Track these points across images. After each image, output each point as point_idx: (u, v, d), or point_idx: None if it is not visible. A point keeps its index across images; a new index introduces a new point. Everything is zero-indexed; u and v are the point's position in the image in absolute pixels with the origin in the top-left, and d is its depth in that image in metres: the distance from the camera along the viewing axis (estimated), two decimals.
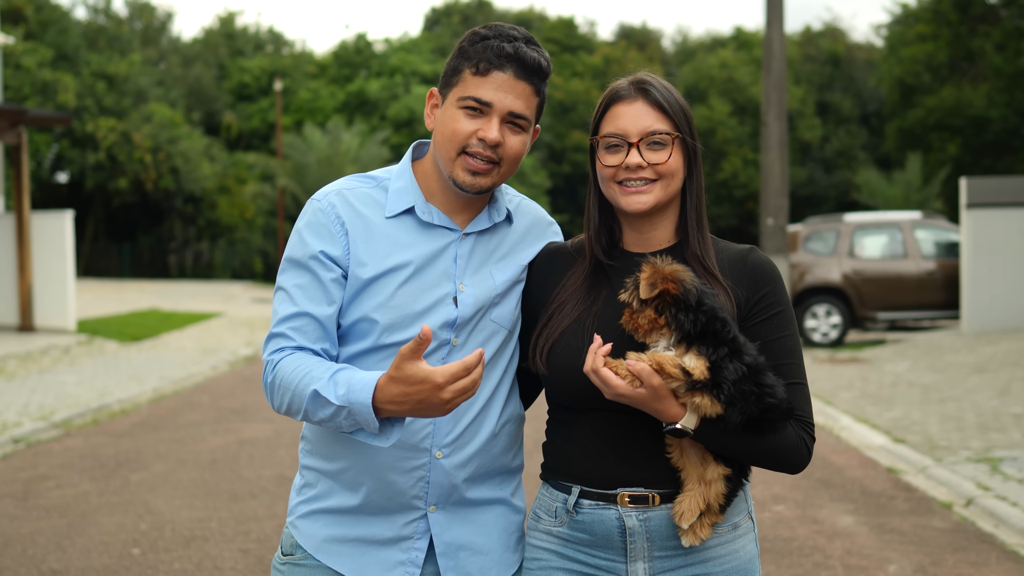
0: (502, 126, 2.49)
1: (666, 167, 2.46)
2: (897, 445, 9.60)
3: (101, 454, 9.68)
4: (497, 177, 2.53)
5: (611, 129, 2.48)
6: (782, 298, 2.50)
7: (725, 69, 53.36)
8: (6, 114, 18.89)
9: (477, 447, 2.56)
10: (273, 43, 61.38)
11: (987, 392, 12.18)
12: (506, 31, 2.50)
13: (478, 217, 2.60)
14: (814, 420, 2.50)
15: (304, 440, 2.65)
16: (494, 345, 2.58)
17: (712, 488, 2.40)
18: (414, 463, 2.51)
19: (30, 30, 44.62)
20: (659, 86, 2.50)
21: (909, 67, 40.35)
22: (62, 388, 13.42)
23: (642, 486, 2.44)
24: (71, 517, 7.47)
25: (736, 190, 51.27)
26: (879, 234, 19.36)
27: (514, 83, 2.47)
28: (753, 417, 2.31)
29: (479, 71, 2.47)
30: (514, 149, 2.51)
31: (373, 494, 2.53)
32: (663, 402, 2.30)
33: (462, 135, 2.48)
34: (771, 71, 19.32)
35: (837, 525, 7.19)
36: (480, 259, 2.59)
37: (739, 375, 2.28)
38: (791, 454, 2.41)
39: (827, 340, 18.76)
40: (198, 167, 45.21)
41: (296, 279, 2.49)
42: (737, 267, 2.51)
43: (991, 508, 7.41)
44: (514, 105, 2.48)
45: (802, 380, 2.47)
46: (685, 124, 2.49)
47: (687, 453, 2.40)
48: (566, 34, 60.09)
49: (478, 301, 2.54)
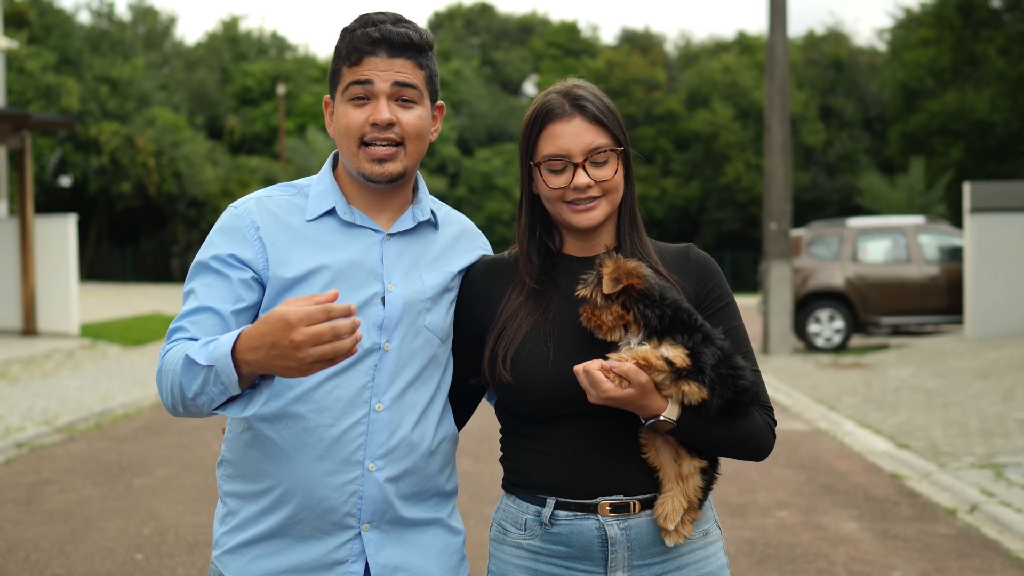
0: (391, 104, 2.43)
1: (612, 182, 2.45)
2: (901, 451, 9.59)
3: (104, 459, 9.68)
4: (406, 159, 2.47)
5: (552, 150, 2.44)
6: (727, 290, 2.55)
7: (728, 73, 53.31)
8: (9, 118, 18.91)
9: (412, 462, 2.47)
10: (276, 47, 61.42)
11: (991, 397, 12.17)
12: (371, 17, 2.46)
13: (402, 217, 2.54)
14: (815, 426, 2.51)
15: (224, 464, 2.53)
16: (427, 354, 2.51)
17: (690, 483, 2.40)
18: (346, 477, 2.40)
19: (34, 34, 44.69)
20: (593, 98, 2.46)
21: (912, 71, 40.35)
22: (65, 392, 13.42)
23: (622, 493, 2.41)
24: (74, 522, 7.47)
25: (739, 194, 51.22)
26: (882, 239, 19.35)
27: (389, 63, 2.42)
28: (729, 401, 2.34)
29: (352, 62, 2.43)
30: (412, 124, 2.45)
31: (302, 513, 2.41)
32: (648, 398, 2.29)
33: (355, 125, 2.43)
34: (774, 76, 19.33)
35: (841, 531, 7.17)
36: (409, 261, 2.52)
37: (716, 359, 2.32)
38: (759, 440, 2.44)
39: (830, 345, 18.75)
40: (201, 171, 45.24)
41: (202, 280, 2.41)
42: (681, 263, 2.53)
43: (995, 514, 7.40)
44: (396, 76, 2.42)
45: (757, 368, 2.50)
46: (620, 132, 2.48)
47: (661, 452, 2.40)
48: (569, 38, 60.10)
49: (407, 301, 2.47)
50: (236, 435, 2.49)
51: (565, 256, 2.54)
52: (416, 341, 2.49)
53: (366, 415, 2.42)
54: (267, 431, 2.42)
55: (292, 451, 2.40)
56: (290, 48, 62.01)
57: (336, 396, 2.41)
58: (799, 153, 50.05)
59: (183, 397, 2.21)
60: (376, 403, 2.43)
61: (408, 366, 2.48)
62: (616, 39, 64.13)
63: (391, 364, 2.45)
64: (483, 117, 53.87)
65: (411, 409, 2.47)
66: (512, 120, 54.17)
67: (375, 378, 2.44)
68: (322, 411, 2.40)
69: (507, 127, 53.90)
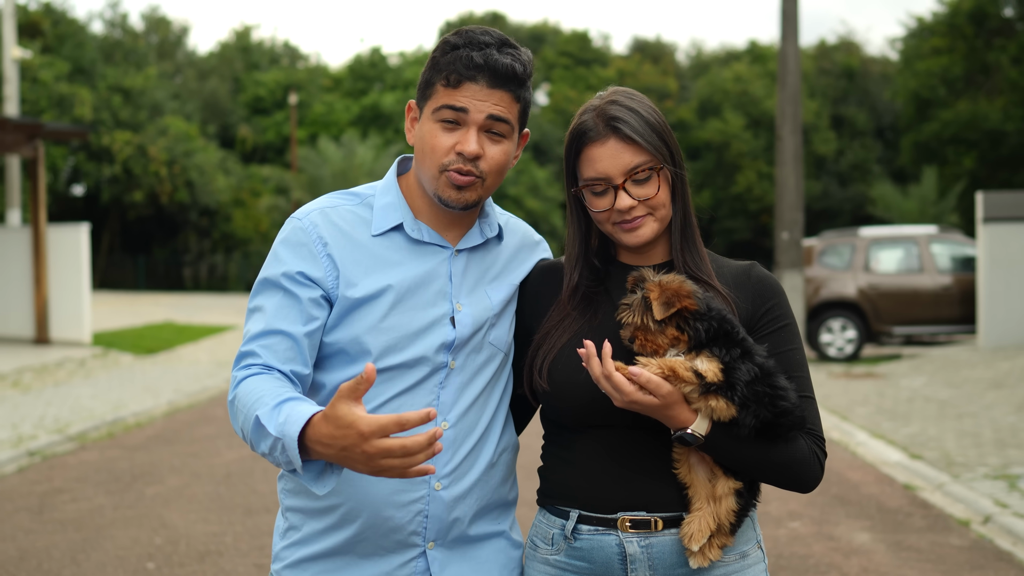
0: (480, 136, 2.36)
1: (656, 200, 2.39)
2: (914, 461, 9.55)
3: (116, 467, 9.69)
4: (482, 190, 2.41)
5: (592, 174, 2.39)
6: (788, 312, 2.46)
7: (739, 82, 53.32)
8: (23, 128, 18.99)
9: (475, 478, 2.44)
10: (288, 57, 61.62)
11: (1004, 408, 12.11)
12: (477, 38, 2.37)
13: (469, 233, 2.50)
14: (827, 436, 2.45)
15: (287, 479, 2.48)
16: (491, 369, 2.48)
17: (722, 505, 2.30)
18: (412, 496, 2.37)
19: (47, 44, 44.88)
20: (628, 116, 2.38)
21: (924, 80, 40.29)
22: (77, 401, 13.45)
23: (644, 510, 2.34)
24: (86, 531, 7.48)
25: (751, 203, 51.17)
26: (895, 248, 19.30)
27: (489, 92, 2.35)
28: (766, 422, 2.24)
29: (450, 83, 2.35)
30: (496, 160, 2.39)
31: (367, 531, 2.38)
32: (674, 408, 2.22)
33: (441, 150, 2.36)
34: (786, 85, 19.31)
35: (853, 542, 7.14)
36: (475, 278, 2.49)
37: (752, 376, 2.23)
38: (803, 468, 2.32)
39: (842, 355, 18.69)
40: (213, 180, 45.37)
41: (270, 298, 2.34)
42: (740, 280, 2.46)
43: (1009, 526, 7.35)
44: (491, 110, 2.35)
45: (811, 394, 2.40)
46: (663, 147, 2.40)
47: (695, 469, 2.32)
48: (580, 47, 60.16)
49: (476, 321, 2.44)
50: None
51: (620, 265, 2.51)
52: (480, 357, 2.46)
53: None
54: None
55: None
56: (302, 58, 62.20)
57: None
58: (811, 162, 50.00)
59: (253, 447, 2.18)
60: (442, 421, 2.41)
61: (473, 383, 2.45)
62: (627, 48, 64.24)
63: (457, 382, 2.43)
64: None
65: (475, 425, 2.45)
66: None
67: (440, 396, 2.41)
68: None
69: None
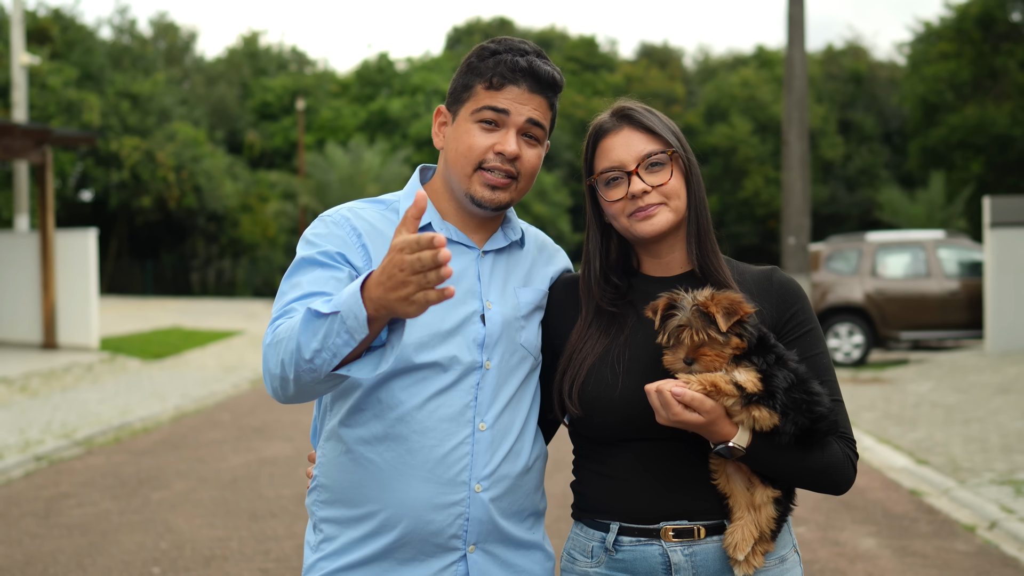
0: (518, 138, 2.42)
1: (669, 187, 2.40)
2: (920, 467, 9.53)
3: (122, 472, 9.71)
4: (515, 192, 2.46)
5: (606, 164, 2.43)
6: (811, 316, 2.45)
7: (747, 87, 53.30)
8: (31, 133, 19.05)
9: (513, 481, 2.44)
10: (296, 62, 61.72)
11: (1011, 413, 12.08)
12: (517, 45, 2.43)
13: (494, 236, 2.54)
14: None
15: (320, 490, 2.47)
16: (523, 371, 2.49)
17: (762, 513, 2.32)
18: (452, 498, 2.36)
19: (56, 50, 45.01)
20: (640, 109, 2.46)
21: (932, 85, 40.26)
22: (84, 406, 13.48)
23: (686, 519, 2.35)
24: (92, 536, 7.49)
25: (758, 208, 51.14)
26: (902, 253, 19.26)
27: (529, 96, 2.41)
28: (804, 428, 2.25)
29: (493, 85, 2.40)
30: (531, 163, 2.44)
31: (408, 536, 2.36)
32: (717, 424, 2.22)
33: (479, 149, 2.40)
34: (792, 90, 19.30)
35: (859, 547, 7.13)
36: (502, 278, 2.51)
37: (789, 383, 2.23)
38: (837, 473, 2.35)
39: (849, 360, 18.66)
40: (221, 185, 45.44)
41: (307, 273, 2.33)
42: (763, 286, 2.45)
43: (1015, 531, 7.34)
44: (532, 113, 2.42)
45: (840, 397, 2.41)
46: (676, 140, 2.43)
47: (733, 479, 2.33)
48: (587, 52, 60.17)
49: (505, 319, 2.46)
50: (333, 459, 2.44)
51: (643, 276, 2.51)
52: (514, 359, 2.47)
53: (470, 435, 2.39)
54: (369, 454, 2.38)
55: (396, 474, 2.36)
56: (310, 63, 62.31)
57: (439, 416, 2.37)
58: (818, 167, 49.94)
59: (298, 361, 2.11)
60: (479, 422, 2.40)
61: (507, 384, 2.46)
62: (635, 53, 64.28)
63: (492, 382, 2.43)
64: None
65: (510, 427, 2.45)
66: None
67: (477, 397, 2.41)
68: (426, 432, 2.36)
69: None
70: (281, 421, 12.56)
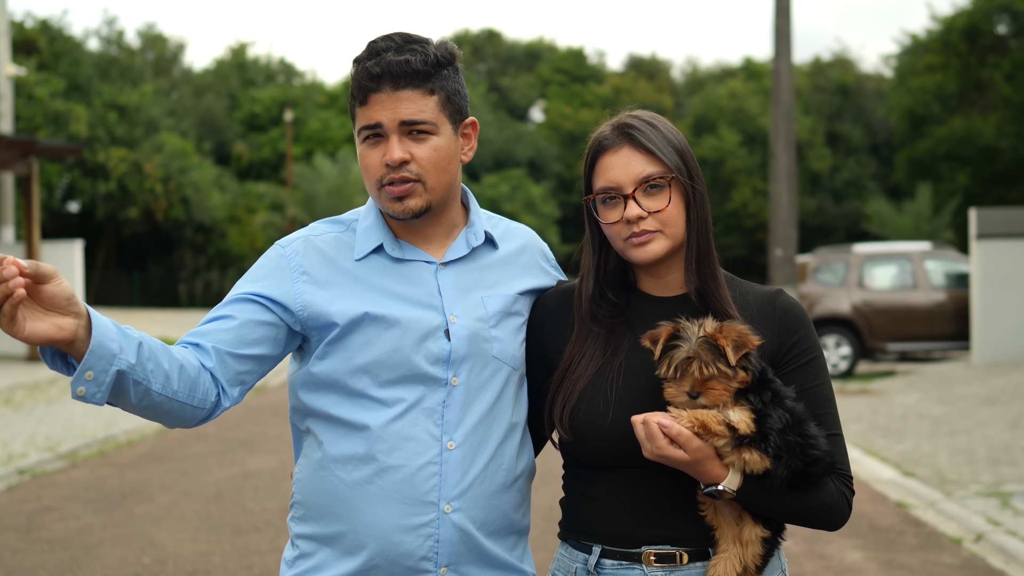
0: (404, 140, 2.31)
1: (667, 214, 2.30)
2: (907, 479, 9.52)
3: (106, 486, 9.65)
4: (427, 194, 2.35)
5: (603, 183, 2.33)
6: (815, 343, 2.35)
7: (734, 99, 53.43)
8: (16, 145, 18.99)
9: (488, 499, 2.36)
10: (284, 74, 61.65)
11: (998, 425, 12.09)
12: (378, 46, 2.33)
13: (454, 245, 2.44)
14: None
15: (296, 506, 2.44)
16: (498, 384, 2.39)
17: (749, 549, 2.26)
18: (421, 519, 2.30)
19: (43, 61, 44.90)
20: (644, 127, 2.34)
21: (919, 97, 40.38)
22: (69, 419, 13.40)
23: (668, 544, 2.29)
24: (74, 550, 7.43)
25: (746, 220, 51.23)
26: (889, 265, 19.30)
27: (395, 97, 2.30)
28: (798, 471, 2.17)
29: (360, 102, 2.34)
30: (427, 158, 2.32)
31: (377, 559, 2.31)
32: (705, 464, 2.16)
33: (373, 168, 2.35)
34: (779, 102, 19.36)
35: (845, 561, 7.11)
36: (467, 287, 2.42)
37: (783, 423, 2.15)
38: (832, 511, 2.28)
39: (837, 371, 18.66)
40: (208, 197, 45.34)
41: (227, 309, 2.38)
42: (766, 310, 2.35)
43: (1001, 544, 7.33)
44: (402, 114, 2.30)
45: (839, 431, 2.33)
46: (679, 162, 2.32)
47: (722, 512, 2.27)
48: (576, 64, 60.30)
49: (471, 332, 2.36)
50: (307, 476, 2.40)
51: (641, 294, 2.42)
52: (485, 372, 2.38)
53: (438, 454, 2.32)
54: (338, 472, 2.33)
55: (363, 493, 2.31)
56: (298, 75, 62.26)
57: (405, 435, 2.31)
58: (806, 179, 50.06)
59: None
60: (448, 441, 2.33)
61: (478, 400, 2.37)
62: (623, 65, 64.42)
63: (460, 399, 2.35)
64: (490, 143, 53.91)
65: (485, 445, 2.37)
66: (518, 146, 54.24)
67: (444, 415, 2.34)
68: (391, 451, 2.31)
69: (514, 153, 53.97)
70: (267, 434, 12.50)
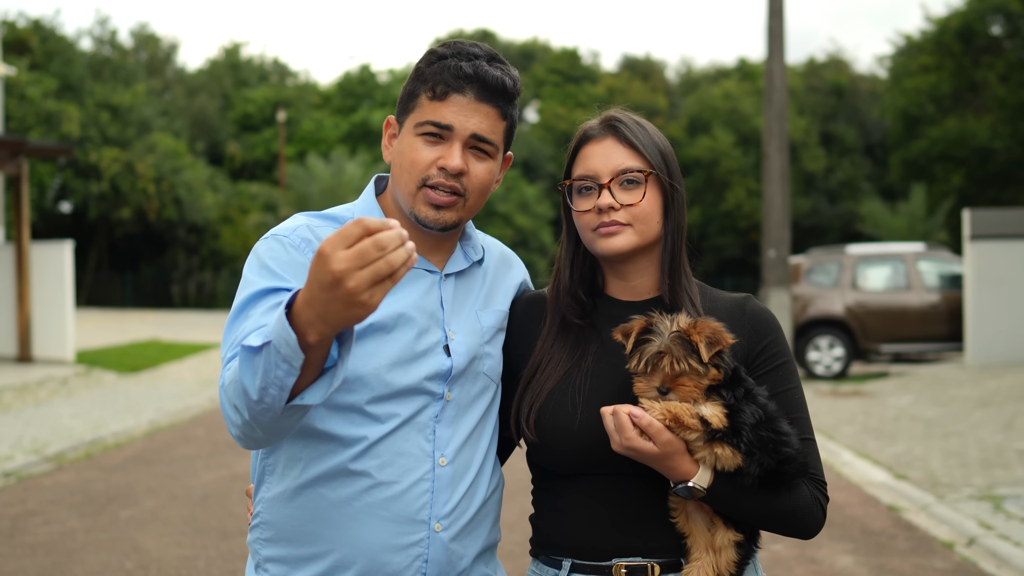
0: (465, 152, 2.24)
1: (640, 209, 2.28)
2: (899, 482, 9.46)
3: (92, 489, 9.55)
4: (463, 211, 2.28)
5: (581, 171, 2.32)
6: (785, 348, 2.33)
7: (729, 100, 53.42)
8: (6, 145, 18.88)
9: (471, 517, 2.30)
10: (277, 74, 61.59)
11: (991, 427, 12.03)
12: (466, 49, 2.25)
13: (454, 257, 2.36)
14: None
15: (262, 527, 2.28)
16: (485, 401, 2.34)
17: (722, 556, 2.20)
18: (411, 539, 2.21)
19: (35, 61, 44.80)
20: (630, 123, 2.33)
21: (913, 98, 40.42)
22: (57, 420, 13.30)
23: (639, 556, 2.24)
24: (56, 555, 7.34)
25: (740, 220, 51.22)
26: (882, 266, 19.26)
27: (476, 106, 2.23)
28: (770, 469, 2.13)
29: (436, 95, 2.23)
30: (480, 178, 2.26)
31: None
32: (674, 459, 2.10)
33: (421, 164, 2.23)
34: (772, 103, 19.30)
35: (836, 565, 7.04)
36: (461, 303, 2.35)
37: (756, 419, 2.11)
38: (806, 516, 2.22)
39: (830, 373, 18.62)
40: (201, 197, 45.27)
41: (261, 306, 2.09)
42: (735, 315, 2.32)
43: (993, 548, 7.26)
44: (478, 127, 2.23)
45: (811, 436, 2.28)
46: (661, 162, 2.31)
47: (693, 518, 2.21)
48: (570, 65, 60.22)
49: (470, 349, 2.30)
50: (276, 495, 2.26)
51: (607, 298, 2.39)
52: (475, 388, 2.33)
53: (430, 470, 2.24)
54: (320, 489, 2.21)
55: (351, 512, 2.20)
56: (291, 75, 62.18)
57: (397, 450, 2.22)
58: (800, 180, 50.06)
59: (249, 405, 1.89)
60: (439, 457, 2.26)
61: (467, 415, 2.31)
62: (617, 66, 64.32)
63: (451, 414, 2.29)
64: None
65: (471, 461, 2.31)
66: (513, 146, 54.11)
67: (436, 431, 2.26)
68: (383, 467, 2.20)
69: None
70: None
